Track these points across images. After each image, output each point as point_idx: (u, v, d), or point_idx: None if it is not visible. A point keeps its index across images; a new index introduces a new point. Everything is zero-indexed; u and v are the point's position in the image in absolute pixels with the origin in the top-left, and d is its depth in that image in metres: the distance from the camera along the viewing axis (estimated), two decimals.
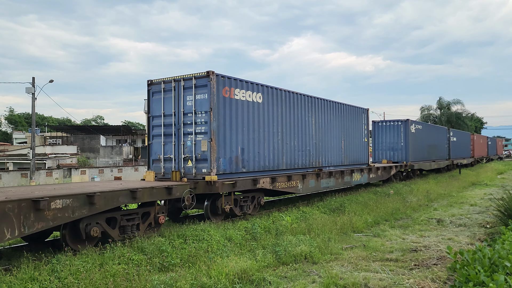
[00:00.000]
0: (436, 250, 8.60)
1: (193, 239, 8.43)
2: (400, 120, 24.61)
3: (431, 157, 28.68)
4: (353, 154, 18.06)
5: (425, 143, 27.24)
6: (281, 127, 13.08)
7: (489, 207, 14.57)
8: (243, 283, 6.34)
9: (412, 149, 24.40)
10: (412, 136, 24.42)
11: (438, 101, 62.83)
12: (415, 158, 24.86)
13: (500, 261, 4.27)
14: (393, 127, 24.53)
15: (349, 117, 17.93)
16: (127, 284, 5.95)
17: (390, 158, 24.25)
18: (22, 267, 6.27)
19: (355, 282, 6.35)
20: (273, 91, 12.87)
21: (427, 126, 29.45)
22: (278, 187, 12.50)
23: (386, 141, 24.67)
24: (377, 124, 25.20)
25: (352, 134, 18.12)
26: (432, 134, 29.20)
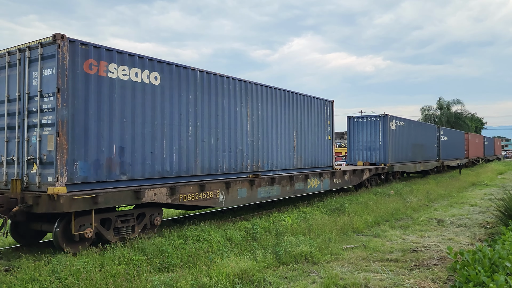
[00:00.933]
0: (436, 250, 8.60)
1: (193, 240, 8.44)
2: (377, 116, 21.47)
3: (417, 158, 25.73)
4: (310, 155, 15.05)
5: (409, 142, 24.41)
6: (193, 119, 10.04)
7: (489, 207, 14.57)
8: (244, 284, 6.34)
9: (392, 148, 21.69)
10: (392, 134, 21.70)
11: (438, 101, 62.83)
12: (396, 159, 22.19)
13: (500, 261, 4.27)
14: (370, 123, 21.57)
15: (305, 110, 14.85)
16: (128, 285, 5.95)
17: (367, 159, 21.53)
18: (22, 268, 6.27)
19: (355, 282, 6.35)
20: (179, 71, 9.71)
21: (412, 123, 25.84)
22: (183, 200, 9.38)
23: (363, 140, 21.82)
24: (352, 120, 22.22)
25: (309, 130, 15.03)
26: (417, 132, 26.22)
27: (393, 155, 21.84)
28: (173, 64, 9.65)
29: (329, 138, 16.40)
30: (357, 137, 21.97)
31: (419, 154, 26.18)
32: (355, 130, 22.10)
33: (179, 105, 9.73)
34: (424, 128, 28.53)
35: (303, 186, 13.98)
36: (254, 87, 12.28)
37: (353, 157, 22.08)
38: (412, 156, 24.92)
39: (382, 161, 21.03)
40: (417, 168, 25.58)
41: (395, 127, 22.23)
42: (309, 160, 15.03)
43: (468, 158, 40.22)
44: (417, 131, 26.21)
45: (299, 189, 13.80)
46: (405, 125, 23.98)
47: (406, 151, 24.01)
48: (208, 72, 10.66)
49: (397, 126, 22.67)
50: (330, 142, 16.50)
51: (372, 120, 21.61)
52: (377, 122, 21.48)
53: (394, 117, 22.34)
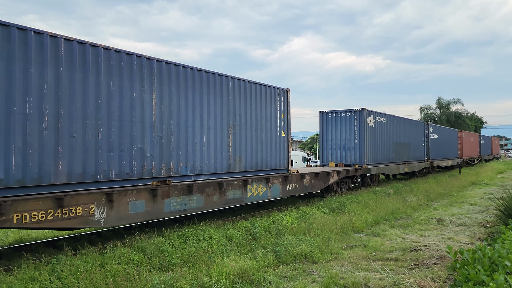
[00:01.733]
0: (436, 249, 8.61)
1: (193, 239, 8.44)
2: (353, 110, 18.93)
3: (401, 158, 23.24)
4: (254, 156, 12.19)
5: (391, 140, 21.92)
6: (53, 105, 7.32)
7: (489, 206, 14.58)
8: (243, 283, 6.34)
9: (370, 148, 19.20)
10: (370, 131, 19.23)
11: (437, 101, 62.79)
12: (374, 160, 19.67)
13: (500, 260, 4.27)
14: (345, 119, 19.07)
15: (247, 100, 12.03)
16: (128, 284, 5.95)
17: (341, 160, 19.15)
18: (22, 267, 6.27)
19: (355, 281, 6.35)
20: (26, 38, 6.98)
21: (394, 120, 22.94)
22: (22, 221, 6.52)
23: (337, 138, 19.34)
24: (325, 116, 19.72)
25: (253, 125, 12.21)
26: (402, 130, 23.62)
27: (371, 155, 19.33)
28: (14, 26, 6.84)
29: (283, 134, 13.54)
30: (331, 135, 19.53)
31: (403, 154, 23.70)
32: (328, 127, 19.64)
33: (26, 85, 6.94)
34: (410, 125, 25.51)
35: (240, 195, 11.11)
36: (165, 67, 9.46)
37: (326, 157, 19.69)
38: (395, 157, 22.39)
39: (358, 162, 18.70)
40: (400, 170, 22.74)
41: (373, 124, 19.67)
42: (253, 162, 12.14)
43: (462, 158, 37.78)
44: (401, 128, 23.63)
45: (234, 198, 10.96)
46: (387, 121, 21.49)
47: (388, 150, 21.49)
48: (81, 42, 7.81)
49: (377, 122, 20.09)
50: (285, 140, 13.58)
51: (347, 115, 19.00)
52: (352, 117, 18.88)
53: (372, 112, 19.73)
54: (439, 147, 30.72)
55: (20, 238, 9.48)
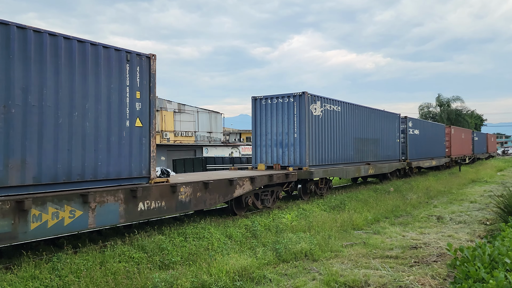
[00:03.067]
0: (436, 247, 8.62)
1: (194, 237, 8.45)
2: (291, 94, 14.53)
3: (365, 157, 18.70)
4: (65, 157, 7.28)
5: (348, 135, 17.24)
6: None
7: (489, 204, 14.59)
8: (244, 281, 6.35)
9: (315, 144, 14.85)
10: (315, 122, 14.85)
11: (437, 98, 62.77)
12: (321, 160, 15.21)
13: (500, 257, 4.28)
14: (282, 106, 14.76)
15: (47, 63, 7.04)
16: (128, 282, 5.96)
17: (277, 161, 14.75)
18: (22, 266, 6.28)
19: (355, 279, 6.37)
20: None
21: (355, 109, 17.98)
22: None
23: (272, 132, 14.96)
24: (258, 102, 15.29)
25: (62, 106, 7.22)
26: (367, 123, 19.03)
27: (316, 155, 14.95)
28: None
29: (138, 124, 8.68)
30: (265, 128, 15.14)
31: (369, 152, 19.22)
32: (263, 117, 15.24)
33: None
34: (379, 117, 20.64)
35: (8, 228, 6.22)
36: None
37: (259, 157, 15.32)
38: (355, 156, 17.81)
39: (298, 162, 14.31)
40: (362, 173, 18.03)
41: (320, 113, 15.23)
42: (60, 169, 7.24)
43: (450, 157, 33.32)
44: (366, 120, 18.99)
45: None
46: (343, 110, 16.91)
47: (344, 148, 16.97)
48: None
49: (326, 111, 15.65)
50: (142, 133, 8.76)
51: (285, 101, 14.66)
52: (290, 104, 14.50)
53: (319, 98, 15.21)
54: (420, 145, 26.41)
55: None
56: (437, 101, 62.65)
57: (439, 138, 31.19)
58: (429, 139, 28.43)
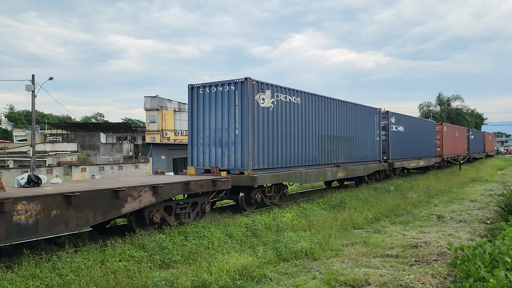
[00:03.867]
0: (436, 246, 8.62)
1: (194, 236, 8.45)
2: (232, 81, 11.84)
3: (334, 158, 15.94)
4: None
5: (311, 132, 14.41)
6: None
7: (489, 203, 14.59)
8: (244, 280, 6.35)
9: (262, 143, 12.05)
10: (263, 116, 12.08)
11: (437, 97, 62.80)
12: (269, 163, 12.34)
13: (500, 256, 4.27)
14: (222, 96, 12.03)
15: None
16: (128, 281, 5.96)
17: (215, 163, 12.10)
18: (23, 264, 6.28)
19: (355, 278, 6.36)
20: None
21: (320, 101, 15.11)
22: None
23: (211, 127, 12.26)
24: (196, 91, 12.59)
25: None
26: (336, 118, 16.17)
27: (263, 156, 12.09)
28: None
29: None
30: (203, 123, 12.46)
31: (339, 152, 16.45)
32: (200, 109, 12.53)
33: None
34: (354, 111, 17.73)
35: None
36: None
37: (196, 158, 12.63)
38: (320, 157, 15.01)
39: (239, 166, 11.67)
40: (329, 176, 15.34)
41: (271, 104, 12.43)
42: None
43: (442, 157, 30.60)
44: (336, 115, 16.22)
45: None
46: (303, 102, 14.06)
47: (305, 148, 14.13)
48: None
49: (280, 102, 12.79)
50: None
51: (225, 89, 11.94)
52: (231, 93, 11.80)
53: (270, 86, 12.36)
54: (405, 143, 23.72)
55: None
56: (437, 100, 62.66)
57: (428, 136, 28.33)
58: (416, 137, 25.76)
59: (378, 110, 20.38)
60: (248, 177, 11.34)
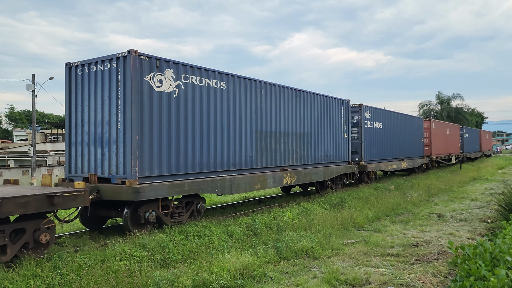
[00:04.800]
0: (437, 245, 8.62)
1: (194, 235, 8.45)
2: (114, 57, 8.81)
3: (281, 160, 12.92)
4: None
5: (244, 127, 11.47)
6: None
7: (490, 201, 14.59)
8: (245, 279, 6.35)
9: (159, 141, 9.07)
10: (160, 104, 9.12)
11: (437, 96, 62.65)
12: (171, 168, 9.31)
13: (501, 255, 4.27)
14: (102, 77, 9.08)
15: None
16: (129, 280, 5.96)
17: (94, 169, 9.15)
18: (24, 264, 6.29)
19: (356, 277, 6.37)
20: None
21: (259, 87, 12.11)
22: None
23: (91, 120, 9.33)
24: (74, 71, 9.66)
25: None
26: (284, 109, 13.19)
27: (159, 158, 9.04)
28: None
29: None
30: (81, 114, 9.54)
31: (289, 153, 13.34)
32: (79, 96, 9.58)
33: None
34: (310, 101, 14.65)
35: None
36: None
37: (74, 162, 9.64)
38: (259, 158, 11.98)
39: (121, 173, 8.66)
40: (270, 184, 12.19)
41: (175, 88, 9.40)
42: None
43: (430, 157, 27.55)
44: (284, 105, 13.19)
45: None
46: (231, 88, 11.02)
47: (234, 146, 11.10)
48: None
49: (190, 86, 9.75)
50: None
51: (106, 67, 8.96)
52: (113, 73, 8.85)
53: (173, 65, 9.38)
54: (384, 142, 20.71)
55: None
56: (437, 99, 62.56)
57: (414, 134, 25.29)
58: (399, 135, 22.73)
59: (346, 102, 17.29)
60: (130, 188, 8.26)
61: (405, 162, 22.92)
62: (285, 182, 12.93)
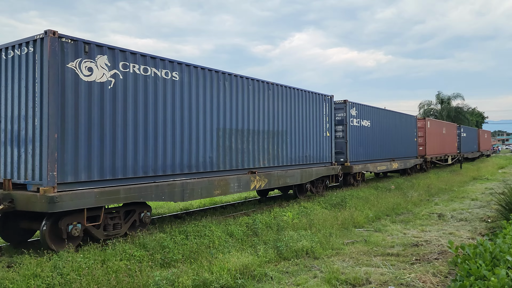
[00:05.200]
0: (437, 244, 8.62)
1: (195, 235, 8.46)
2: (30, 39, 7.35)
3: (249, 161, 11.47)
4: None
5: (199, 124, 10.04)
6: None
7: (490, 201, 14.59)
8: (245, 279, 6.36)
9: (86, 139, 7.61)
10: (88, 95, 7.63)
11: (437, 96, 62.54)
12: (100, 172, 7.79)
13: (501, 255, 4.28)
14: (13, 64, 7.68)
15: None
16: (129, 280, 5.97)
17: (10, 173, 7.66)
18: (24, 264, 6.29)
19: (356, 277, 6.37)
20: None
21: (221, 79, 10.66)
22: None
23: (5, 115, 7.86)
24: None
25: None
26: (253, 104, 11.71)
27: (87, 159, 7.63)
28: None
29: None
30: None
31: (259, 152, 11.89)
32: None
33: None
34: (285, 96, 13.15)
35: None
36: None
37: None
38: (220, 160, 10.56)
39: (37, 177, 7.24)
40: (233, 188, 10.78)
41: (111, 78, 8.06)
42: None
43: (424, 157, 26.26)
44: (252, 100, 11.66)
45: None
46: (187, 79, 9.70)
47: (187, 146, 9.69)
48: None
49: (131, 76, 8.45)
50: None
51: (23, 52, 7.56)
52: (30, 59, 7.44)
53: (104, 49, 7.97)
54: (373, 142, 19.45)
55: None
56: (437, 99, 62.46)
57: (407, 133, 24.03)
58: (389, 134, 21.49)
59: (329, 98, 15.71)
60: (43, 197, 6.86)
61: (396, 163, 21.61)
62: (253, 186, 11.43)
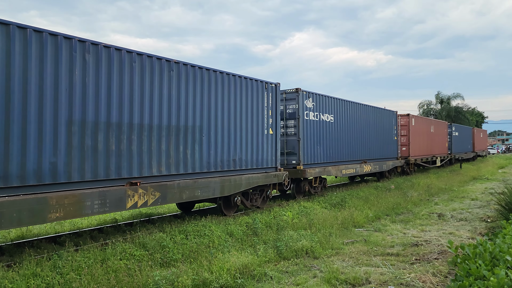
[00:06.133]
0: (437, 244, 8.62)
1: (195, 235, 8.46)
2: None
3: (124, 168, 7.93)
4: None
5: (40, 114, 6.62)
6: None
7: (490, 201, 14.59)
8: (245, 278, 6.36)
9: None
10: None
11: (436, 95, 62.42)
12: None
13: (501, 255, 4.28)
14: None
15: None
16: (129, 280, 5.97)
17: None
18: (24, 263, 6.29)
19: (356, 276, 6.37)
20: None
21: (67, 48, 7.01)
22: None
23: None
24: None
25: None
26: (152, 90, 8.52)
27: None
28: None
29: None
30: None
31: (153, 154, 8.57)
32: None
33: None
34: (198, 80, 9.66)
35: None
36: None
37: None
38: (70, 167, 7.08)
39: None
40: (92, 208, 7.18)
41: None
42: None
43: (407, 159, 23.11)
44: (143, 81, 8.37)
45: None
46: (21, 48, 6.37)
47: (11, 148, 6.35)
48: None
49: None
50: None
51: None
52: None
53: None
54: (337, 140, 15.97)
55: (22, 234, 9.51)
56: (436, 98, 62.35)
57: (384, 131, 20.45)
58: (360, 131, 17.84)
59: (273, 86, 12.30)
60: None
61: (368, 165, 18.12)
62: (131, 203, 7.89)
